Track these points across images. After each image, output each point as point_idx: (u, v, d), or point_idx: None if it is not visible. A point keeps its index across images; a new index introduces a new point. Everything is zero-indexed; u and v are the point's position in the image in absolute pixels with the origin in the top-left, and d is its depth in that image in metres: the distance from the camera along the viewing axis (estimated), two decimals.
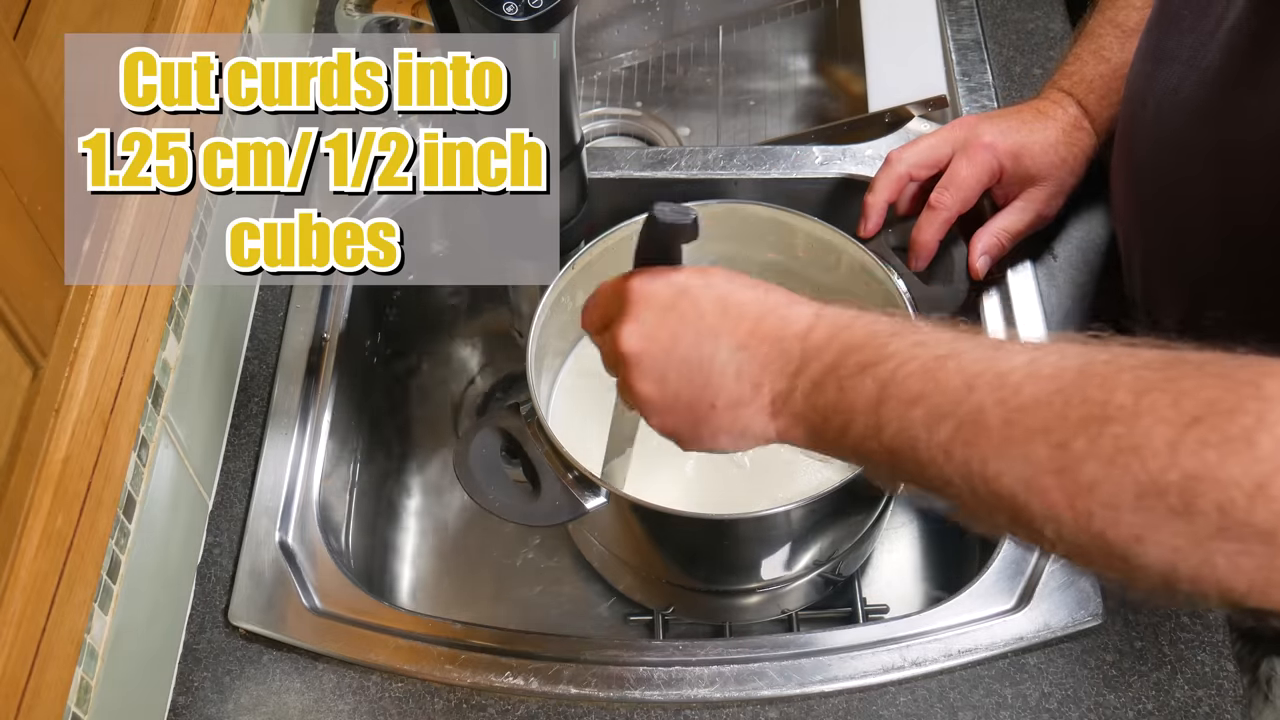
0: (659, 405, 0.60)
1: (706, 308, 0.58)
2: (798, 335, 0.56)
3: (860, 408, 0.52)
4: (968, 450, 0.48)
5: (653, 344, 0.59)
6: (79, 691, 0.65)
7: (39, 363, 0.62)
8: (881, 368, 0.51)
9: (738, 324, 0.57)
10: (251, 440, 0.89)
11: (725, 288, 0.59)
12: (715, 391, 0.57)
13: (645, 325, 0.59)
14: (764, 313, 0.57)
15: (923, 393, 0.50)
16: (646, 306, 0.60)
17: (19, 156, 0.60)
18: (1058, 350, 0.48)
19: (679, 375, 0.58)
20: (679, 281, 0.60)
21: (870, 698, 0.76)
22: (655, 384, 0.59)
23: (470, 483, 0.77)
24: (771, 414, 0.57)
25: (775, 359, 0.56)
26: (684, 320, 0.58)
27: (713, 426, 0.59)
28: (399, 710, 0.76)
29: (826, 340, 0.55)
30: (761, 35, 1.30)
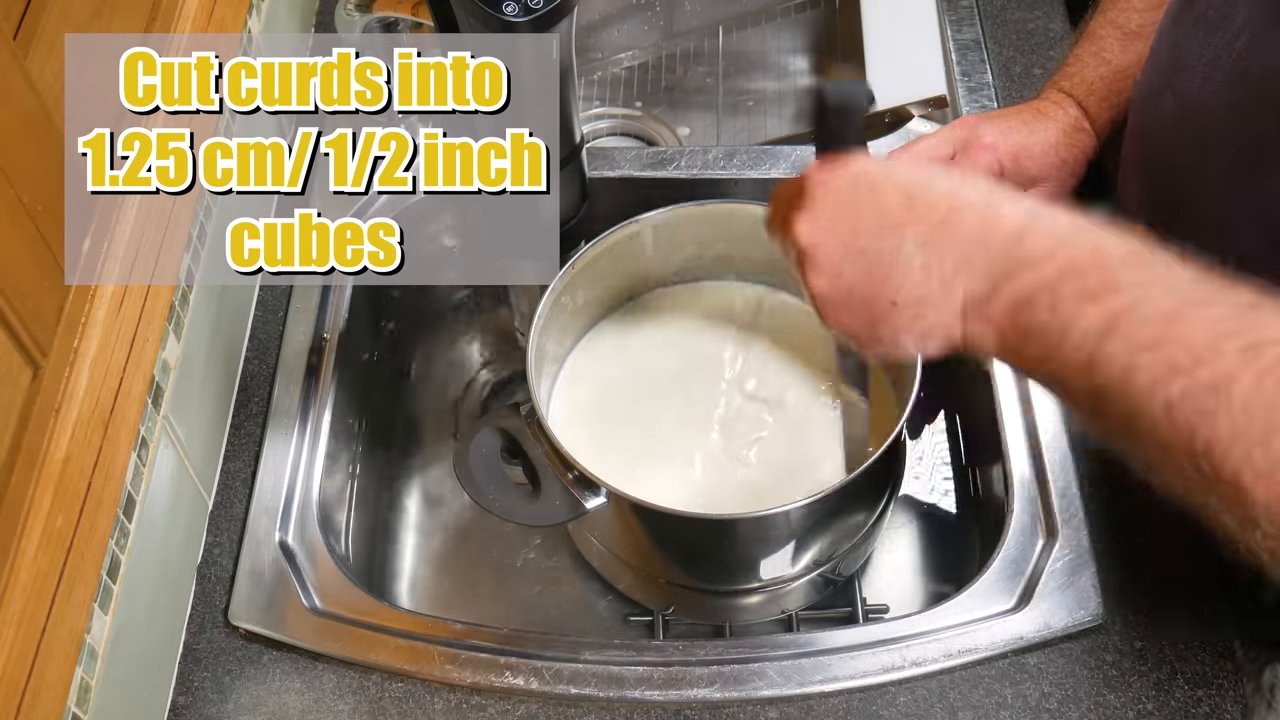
0: (834, 301, 0.55)
1: (890, 197, 0.54)
2: (1006, 236, 0.51)
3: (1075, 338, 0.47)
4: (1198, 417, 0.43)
5: (829, 236, 0.55)
6: (79, 691, 0.65)
7: (39, 363, 0.62)
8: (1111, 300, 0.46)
9: (926, 214, 0.53)
10: (251, 440, 0.89)
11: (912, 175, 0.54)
12: (896, 287, 0.53)
13: (821, 216, 0.55)
14: (959, 205, 0.52)
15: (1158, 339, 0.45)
16: (823, 197, 0.55)
17: (19, 156, 0.60)
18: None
19: (856, 268, 0.54)
20: (859, 169, 0.55)
21: (870, 698, 0.76)
22: (830, 278, 0.55)
23: (470, 483, 0.77)
24: (962, 317, 0.52)
25: (973, 258, 0.51)
26: (863, 210, 0.54)
27: (892, 325, 0.54)
28: (399, 710, 0.76)
29: (1045, 252, 0.49)
30: (761, 35, 1.30)
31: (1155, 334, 0.45)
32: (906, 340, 0.55)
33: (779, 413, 0.89)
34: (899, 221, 0.53)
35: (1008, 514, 0.82)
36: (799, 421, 0.88)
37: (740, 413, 0.89)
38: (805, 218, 0.56)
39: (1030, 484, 0.83)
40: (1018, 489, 0.83)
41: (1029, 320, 0.49)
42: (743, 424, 0.89)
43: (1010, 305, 0.50)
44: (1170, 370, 0.44)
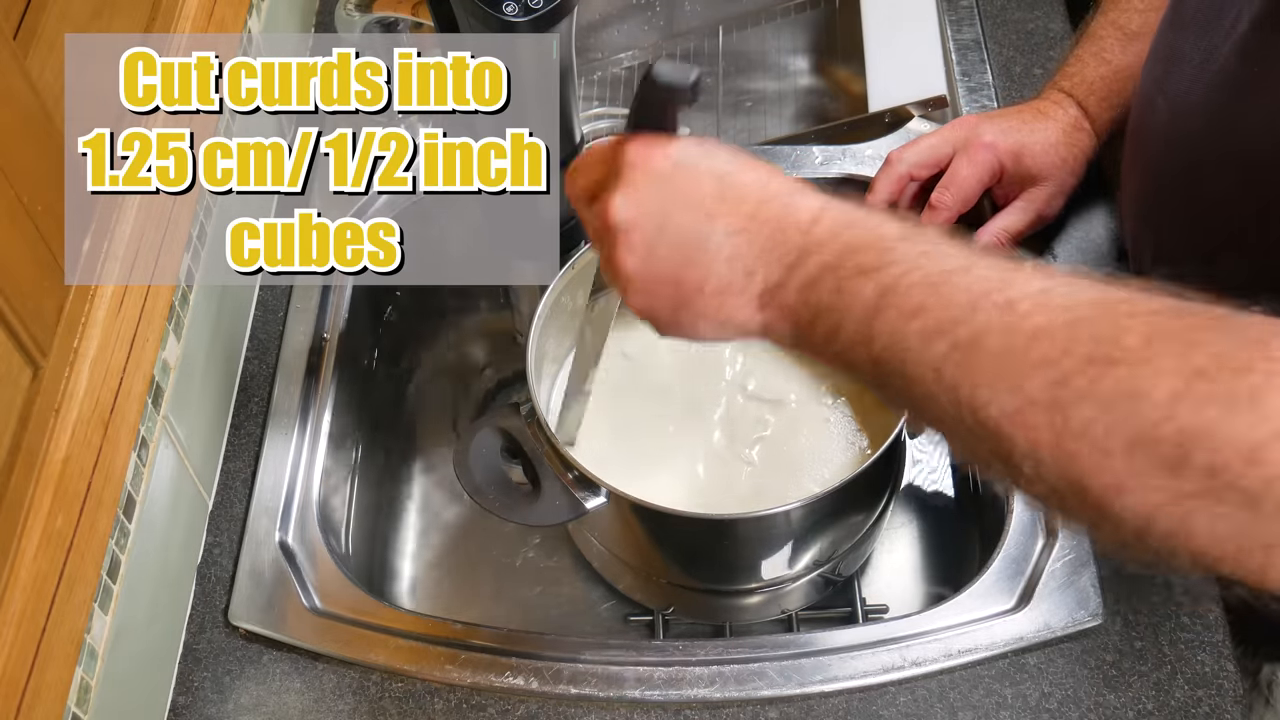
0: (642, 282, 0.56)
1: (706, 185, 0.54)
2: (799, 226, 0.52)
3: (855, 312, 0.49)
4: (959, 373, 0.46)
5: (645, 216, 0.55)
6: (79, 691, 0.65)
7: (39, 363, 0.62)
8: (884, 273, 0.49)
9: (737, 205, 0.54)
10: (251, 440, 0.89)
11: (727, 165, 0.55)
12: (704, 274, 0.54)
13: (638, 195, 0.55)
14: (766, 197, 0.54)
15: (923, 305, 0.47)
16: (642, 175, 0.55)
17: (19, 156, 0.60)
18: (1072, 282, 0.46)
19: (669, 252, 0.54)
20: (677, 152, 0.56)
21: (870, 698, 0.76)
22: (642, 259, 0.55)
23: (470, 483, 0.77)
24: (759, 305, 0.54)
25: (773, 247, 0.53)
26: (680, 195, 0.54)
27: (695, 311, 0.55)
28: (399, 710, 0.76)
29: (830, 235, 0.52)
30: (761, 35, 1.30)
31: (921, 300, 0.47)
32: (705, 327, 0.56)
33: (779, 412, 0.89)
34: (712, 211, 0.54)
35: (1008, 514, 0.82)
36: (799, 421, 0.88)
37: (740, 412, 0.89)
38: (622, 195, 0.55)
39: None
40: None
41: (815, 300, 0.51)
42: (743, 423, 0.89)
43: (799, 288, 0.52)
44: (935, 332, 0.46)
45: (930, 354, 0.47)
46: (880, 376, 0.50)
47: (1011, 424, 0.44)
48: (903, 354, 0.48)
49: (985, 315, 0.46)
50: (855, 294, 0.49)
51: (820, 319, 0.51)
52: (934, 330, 0.47)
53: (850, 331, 0.50)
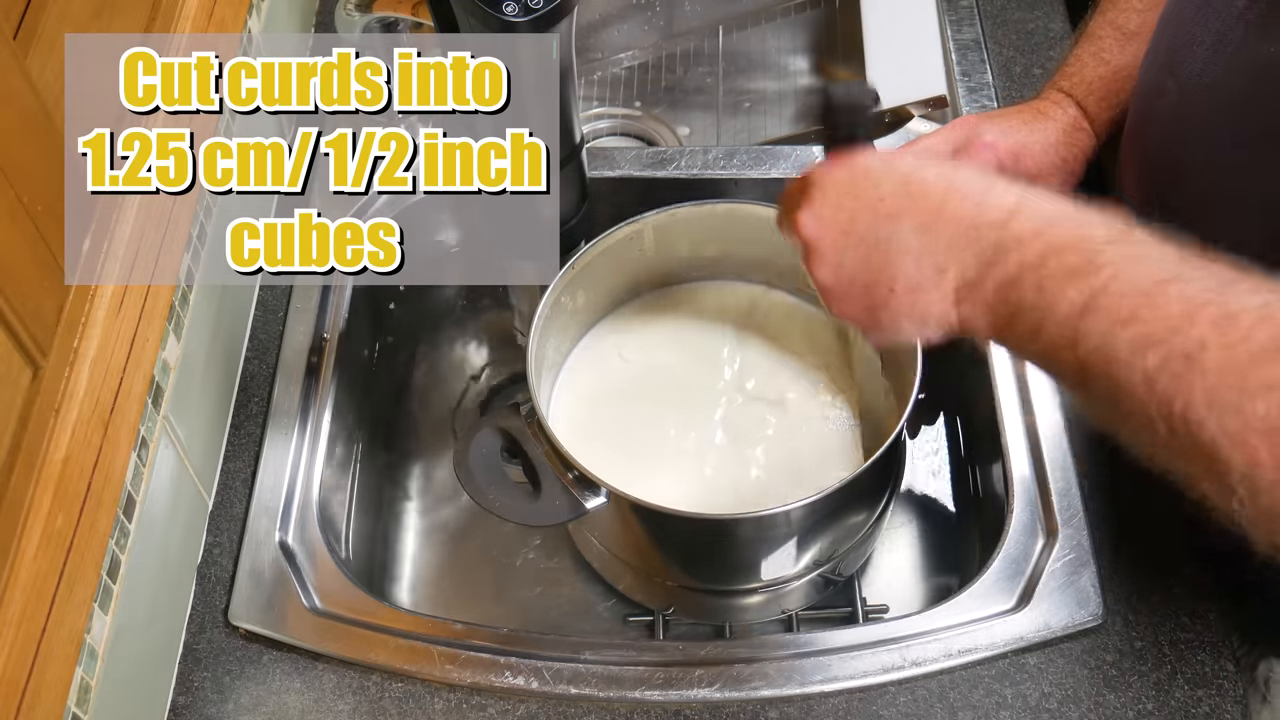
0: (836, 290, 0.58)
1: (886, 188, 0.56)
2: (994, 223, 0.52)
3: (1060, 313, 0.49)
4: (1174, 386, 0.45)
5: (829, 228, 0.57)
6: (79, 691, 0.65)
7: (39, 363, 0.62)
8: (1092, 277, 0.48)
9: (920, 204, 0.55)
10: (251, 440, 0.89)
11: (908, 166, 0.56)
12: (894, 275, 0.55)
13: (822, 209, 0.57)
14: (951, 193, 0.54)
15: (1135, 314, 0.46)
16: (824, 191, 0.58)
17: (19, 156, 0.60)
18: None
19: (856, 258, 0.56)
20: (860, 163, 0.57)
21: (870, 698, 0.76)
22: (832, 269, 0.57)
23: (470, 483, 0.77)
24: (956, 300, 0.54)
25: (964, 244, 0.53)
26: (862, 201, 0.56)
27: (892, 311, 0.56)
28: (399, 710, 0.76)
29: (1030, 234, 0.51)
30: (761, 35, 1.30)
31: (1133, 308, 0.47)
32: (906, 325, 0.56)
33: (779, 412, 0.89)
34: (895, 210, 0.55)
35: (1008, 514, 0.82)
36: (799, 420, 0.88)
37: (740, 412, 0.89)
38: (807, 212, 0.58)
39: (1030, 484, 0.83)
40: (1018, 488, 0.83)
41: (1017, 299, 0.51)
42: (743, 423, 0.89)
43: (998, 286, 0.52)
44: (1147, 342, 0.46)
45: (1142, 364, 0.46)
46: (1084, 381, 0.49)
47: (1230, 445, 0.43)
48: (1111, 361, 0.47)
49: (1202, 329, 0.45)
50: (1060, 296, 0.49)
51: (1021, 317, 0.51)
52: (1147, 340, 0.46)
53: (1054, 332, 0.49)
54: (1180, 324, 0.45)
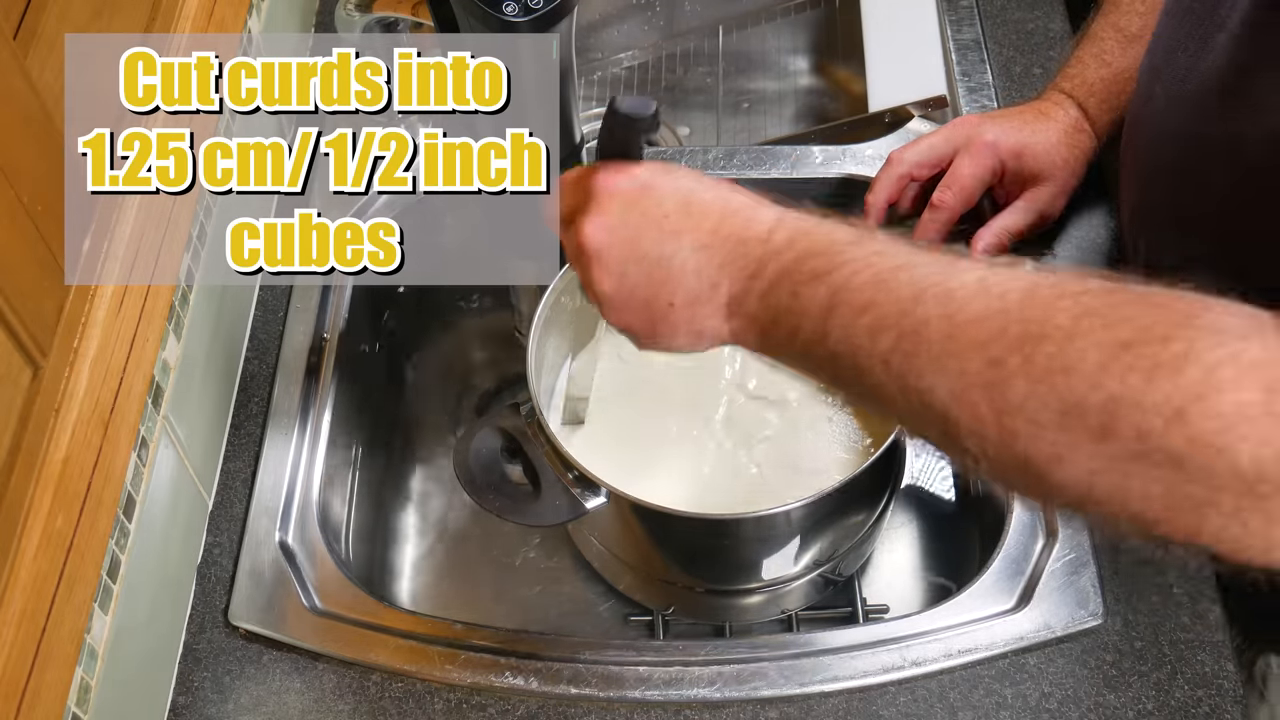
0: (617, 301, 0.59)
1: (670, 205, 0.58)
2: (759, 238, 0.56)
3: (811, 312, 0.52)
4: (906, 361, 0.48)
5: (615, 239, 0.58)
6: (79, 691, 0.65)
7: (39, 363, 0.62)
8: (835, 275, 0.52)
9: (700, 223, 0.57)
10: (251, 440, 0.89)
11: (689, 186, 0.59)
12: (674, 289, 0.57)
13: (608, 220, 0.59)
14: (727, 213, 0.57)
15: (871, 301, 0.50)
16: (610, 200, 0.59)
17: (19, 156, 0.60)
18: (1008, 272, 0.48)
19: (639, 271, 0.58)
20: (643, 177, 0.59)
21: (870, 698, 0.76)
22: (615, 279, 0.59)
23: (470, 483, 0.77)
24: (727, 314, 0.57)
25: (734, 260, 0.56)
26: (647, 216, 0.58)
27: (670, 324, 0.58)
28: (399, 710, 0.76)
29: (786, 243, 0.55)
30: (761, 35, 1.30)
31: (870, 297, 0.50)
32: (681, 339, 0.59)
33: (779, 412, 0.89)
34: (677, 229, 0.57)
35: (1008, 514, 0.82)
36: (799, 421, 0.88)
37: (741, 412, 0.89)
38: (593, 220, 0.59)
39: None
40: None
41: (775, 304, 0.54)
42: (743, 423, 0.89)
43: (760, 295, 0.55)
44: (882, 325, 0.49)
45: (879, 346, 0.49)
46: (836, 372, 0.52)
47: (956, 405, 0.47)
48: (854, 348, 0.50)
49: (926, 306, 0.48)
50: (810, 296, 0.52)
51: (780, 321, 0.54)
52: (881, 324, 0.49)
53: (808, 331, 0.52)
54: (909, 305, 0.49)
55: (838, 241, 0.53)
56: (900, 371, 0.48)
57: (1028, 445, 0.45)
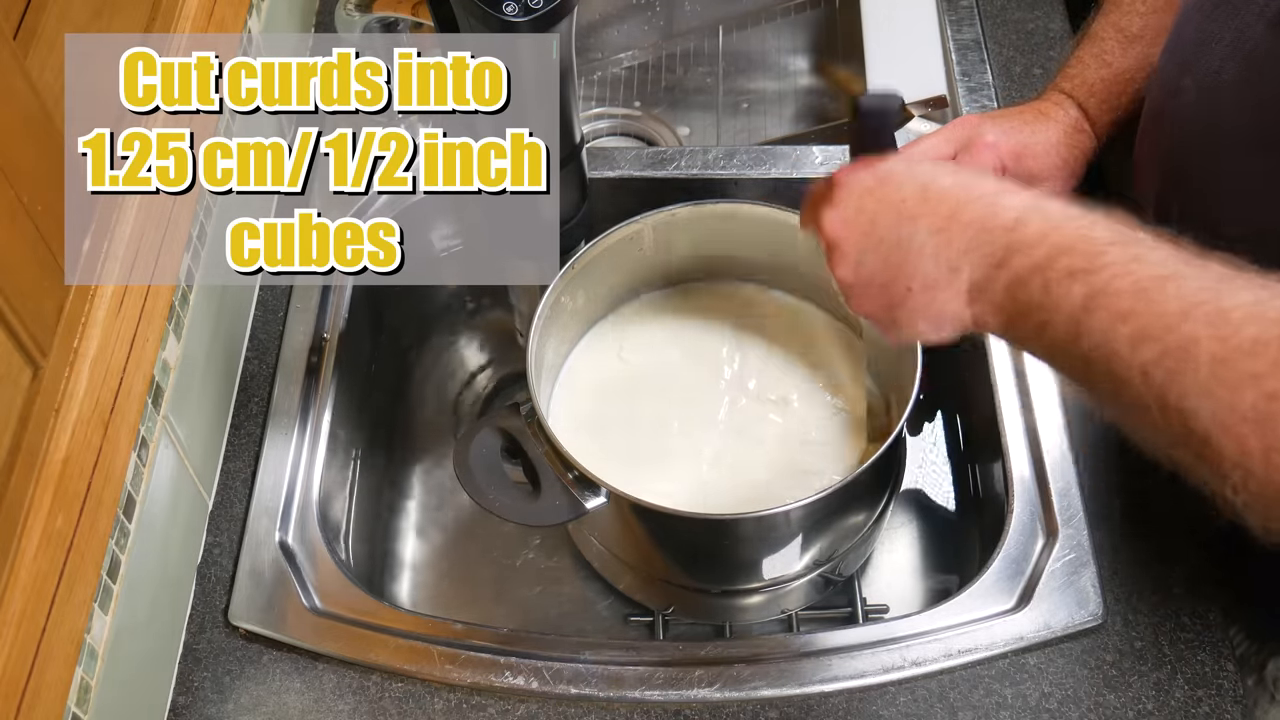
0: (856, 288, 0.61)
1: (907, 192, 0.58)
2: (1005, 226, 0.55)
3: (1064, 311, 0.51)
4: (1169, 379, 0.47)
5: (851, 228, 0.60)
6: (79, 691, 0.65)
7: (39, 363, 0.62)
8: (1094, 276, 0.50)
9: (937, 207, 0.57)
10: (251, 440, 0.89)
11: (929, 172, 0.59)
12: (911, 274, 0.58)
13: (845, 210, 0.60)
14: (968, 198, 0.57)
15: (1133, 310, 0.49)
16: (848, 193, 0.60)
17: (19, 156, 0.60)
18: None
19: (876, 257, 0.59)
20: (883, 168, 0.60)
21: (870, 698, 0.76)
22: (853, 267, 0.60)
23: (470, 483, 0.77)
24: (969, 300, 0.57)
25: (977, 246, 0.56)
26: (883, 204, 0.59)
27: (909, 309, 0.59)
28: (399, 710, 0.76)
29: (1037, 237, 0.54)
30: (761, 35, 1.30)
31: (1132, 305, 0.49)
32: (921, 323, 0.59)
33: (779, 412, 0.89)
34: (914, 214, 0.58)
35: (1008, 513, 0.82)
36: (799, 421, 0.88)
37: (741, 412, 0.89)
38: (831, 212, 0.61)
39: (1030, 483, 0.83)
40: (1018, 488, 0.83)
41: (1024, 299, 0.54)
42: (743, 423, 0.89)
43: (1007, 286, 0.54)
44: (1144, 337, 0.48)
45: (1139, 358, 0.48)
46: (1088, 375, 0.52)
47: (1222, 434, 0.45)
48: (1110, 355, 0.49)
49: (1195, 324, 0.47)
50: (1064, 294, 0.51)
51: (1029, 315, 0.53)
52: (1144, 335, 0.48)
53: (1059, 329, 0.52)
54: (1176, 320, 0.47)
55: (1094, 239, 0.52)
56: (1161, 388, 0.47)
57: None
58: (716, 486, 0.86)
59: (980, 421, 0.91)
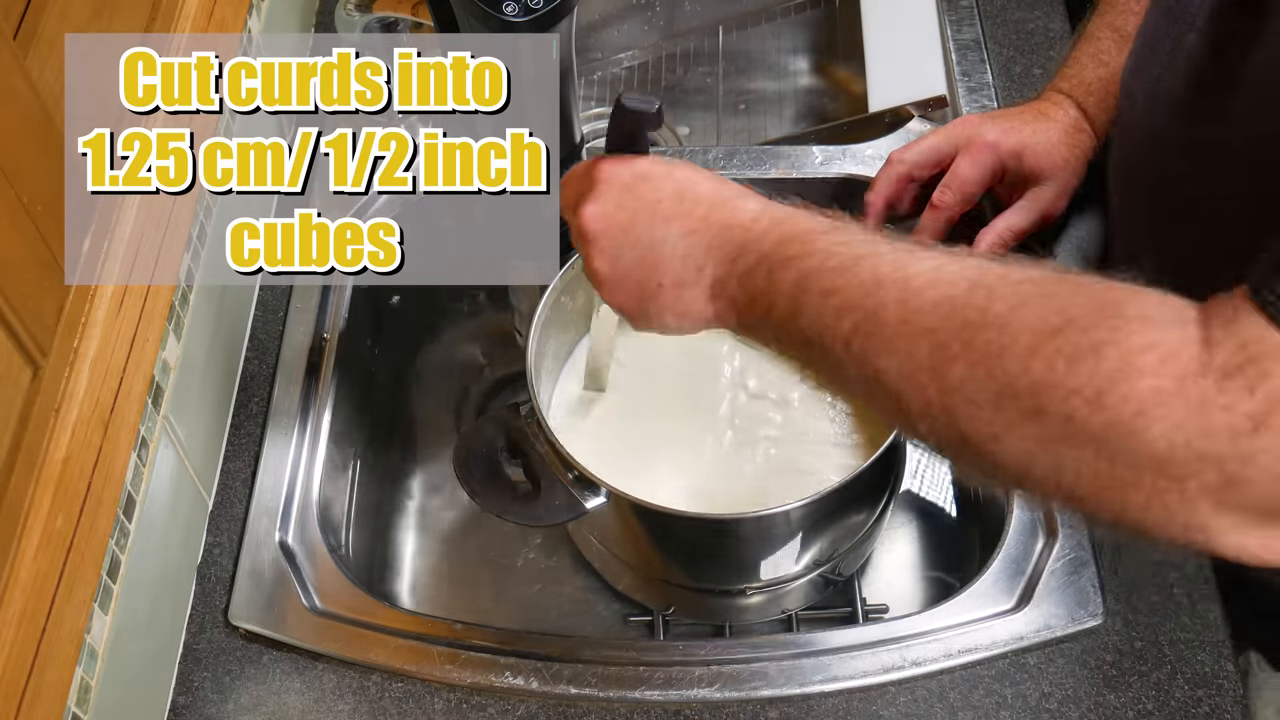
0: (612, 281, 0.63)
1: (664, 194, 0.62)
2: (742, 224, 0.59)
3: (784, 292, 0.55)
4: (865, 343, 0.51)
5: (611, 224, 0.62)
6: (79, 691, 0.65)
7: (39, 363, 0.62)
8: (807, 260, 0.55)
9: (691, 210, 0.61)
10: (251, 440, 0.89)
11: (684, 177, 0.63)
12: (663, 271, 0.61)
13: (606, 206, 0.63)
14: (717, 203, 0.61)
15: (836, 286, 0.53)
16: (609, 188, 0.63)
17: (19, 156, 0.60)
18: (961, 262, 0.51)
19: (632, 254, 0.62)
20: (642, 168, 0.63)
21: (870, 698, 0.76)
22: (610, 261, 0.63)
23: (470, 483, 0.77)
24: (710, 296, 0.60)
25: (719, 245, 0.60)
26: (641, 203, 0.62)
27: (659, 304, 0.62)
28: (399, 710, 0.76)
29: (766, 231, 0.58)
30: (761, 35, 1.30)
31: (834, 282, 0.53)
32: (670, 318, 0.63)
33: (779, 411, 0.89)
34: (668, 215, 0.61)
35: (1008, 514, 0.82)
36: (799, 420, 0.88)
37: (741, 412, 0.89)
38: (592, 205, 0.63)
39: None
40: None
41: (752, 287, 0.58)
42: (743, 423, 0.89)
43: (740, 278, 0.59)
44: (845, 308, 0.52)
45: (842, 327, 0.52)
46: (806, 351, 0.56)
47: (906, 385, 0.50)
48: (821, 329, 0.53)
49: (885, 291, 0.51)
50: (784, 277, 0.56)
51: (756, 302, 0.57)
52: (846, 306, 0.53)
53: (780, 312, 0.56)
54: (871, 288, 0.52)
55: (813, 230, 0.57)
56: (860, 352, 0.51)
57: (967, 424, 0.48)
58: (716, 486, 0.86)
59: None
